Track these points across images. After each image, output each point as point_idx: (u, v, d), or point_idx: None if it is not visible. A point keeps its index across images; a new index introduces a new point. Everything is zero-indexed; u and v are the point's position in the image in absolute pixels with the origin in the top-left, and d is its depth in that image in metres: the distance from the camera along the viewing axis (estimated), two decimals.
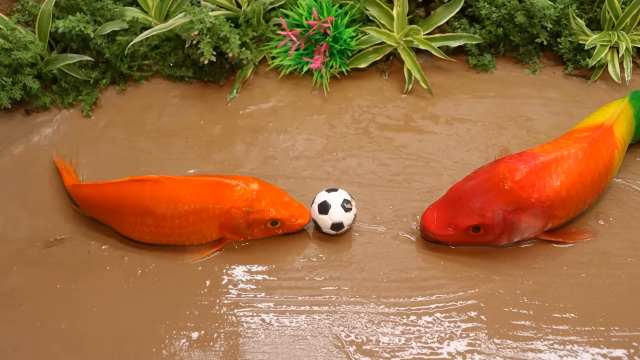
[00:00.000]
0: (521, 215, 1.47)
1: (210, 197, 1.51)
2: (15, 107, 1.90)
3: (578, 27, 1.95)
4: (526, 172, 1.46)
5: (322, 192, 1.57)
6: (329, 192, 1.57)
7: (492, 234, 1.50)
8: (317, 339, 1.45)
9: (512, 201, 1.46)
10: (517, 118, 1.87)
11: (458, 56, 2.01)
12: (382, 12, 1.94)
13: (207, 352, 1.43)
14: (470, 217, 1.47)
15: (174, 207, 1.51)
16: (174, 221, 1.51)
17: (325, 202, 1.55)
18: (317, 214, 1.56)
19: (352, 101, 1.92)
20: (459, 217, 1.49)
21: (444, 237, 1.53)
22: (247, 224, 1.53)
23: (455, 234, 1.51)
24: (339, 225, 1.55)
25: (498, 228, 1.48)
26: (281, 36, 1.94)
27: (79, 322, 1.48)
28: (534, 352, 1.41)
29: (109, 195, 1.55)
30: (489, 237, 1.51)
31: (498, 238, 1.52)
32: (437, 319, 1.47)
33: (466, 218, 1.48)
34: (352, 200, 1.56)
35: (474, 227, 1.48)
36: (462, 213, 1.48)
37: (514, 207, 1.46)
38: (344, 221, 1.55)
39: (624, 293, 1.50)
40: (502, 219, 1.46)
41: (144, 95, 1.96)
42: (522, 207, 1.46)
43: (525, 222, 1.48)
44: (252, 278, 1.55)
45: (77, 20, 1.83)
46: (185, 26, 1.81)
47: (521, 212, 1.46)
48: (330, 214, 1.54)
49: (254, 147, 1.81)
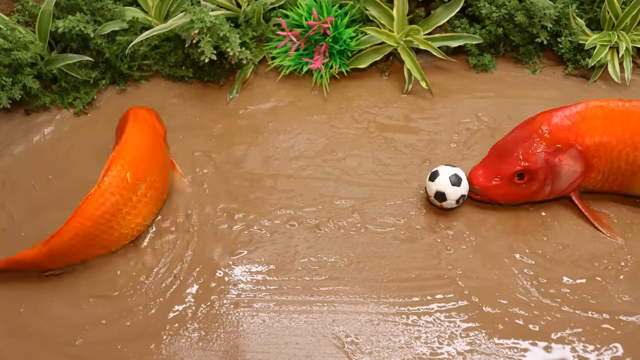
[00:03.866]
0: (561, 156, 1.54)
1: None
2: (15, 107, 1.90)
3: (578, 27, 1.95)
4: (563, 116, 1.56)
5: (441, 165, 1.64)
6: (447, 165, 1.63)
7: (537, 181, 1.56)
8: (317, 339, 1.45)
9: (551, 142, 1.55)
10: (518, 118, 1.86)
11: (458, 56, 2.01)
12: (382, 12, 1.94)
13: (207, 352, 1.43)
14: (514, 163, 1.56)
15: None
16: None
17: (436, 170, 1.61)
18: (427, 181, 1.62)
19: (352, 101, 1.92)
20: (503, 166, 1.57)
21: (491, 189, 1.59)
22: None
23: (501, 185, 1.58)
24: (442, 195, 1.59)
25: (541, 172, 1.55)
26: (281, 36, 1.94)
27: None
28: (533, 352, 1.42)
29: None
30: (534, 186, 1.57)
31: (543, 185, 1.57)
32: (437, 319, 1.47)
33: (510, 165, 1.56)
34: (463, 179, 1.60)
35: (519, 174, 1.56)
36: (506, 162, 1.57)
37: (554, 149, 1.54)
38: (447, 192, 1.58)
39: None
40: (544, 161, 1.54)
41: (144, 95, 1.96)
42: (561, 148, 1.54)
43: (566, 164, 1.55)
44: (252, 278, 1.55)
45: (77, 20, 1.83)
46: (185, 26, 1.81)
47: (561, 153, 1.54)
48: (436, 182, 1.59)
49: (254, 147, 1.81)
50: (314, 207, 1.67)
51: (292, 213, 1.66)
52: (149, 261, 1.58)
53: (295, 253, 1.59)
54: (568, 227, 1.63)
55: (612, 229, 1.61)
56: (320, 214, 1.66)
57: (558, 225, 1.63)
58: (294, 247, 1.60)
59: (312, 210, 1.67)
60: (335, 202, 1.68)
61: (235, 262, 1.57)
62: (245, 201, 1.69)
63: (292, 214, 1.66)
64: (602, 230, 1.61)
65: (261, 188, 1.72)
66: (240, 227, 1.64)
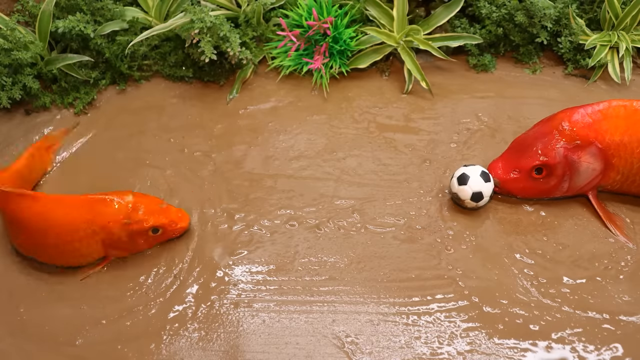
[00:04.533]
0: (581, 153, 1.54)
1: (87, 214, 1.50)
2: (15, 107, 1.90)
3: (578, 27, 1.95)
4: (584, 114, 1.55)
5: (461, 167, 1.63)
6: (466, 166, 1.62)
7: (555, 176, 1.57)
8: (317, 339, 1.44)
9: (571, 139, 1.54)
10: (517, 118, 1.87)
11: (458, 56, 2.01)
12: (382, 12, 1.94)
13: (207, 352, 1.43)
14: (533, 157, 1.57)
15: (48, 226, 1.50)
16: (47, 240, 1.51)
17: (464, 174, 1.60)
18: (457, 187, 1.61)
19: (352, 101, 1.92)
20: (522, 159, 1.58)
21: (509, 182, 1.60)
22: (129, 235, 1.52)
23: (519, 178, 1.59)
24: (479, 195, 1.59)
25: (560, 168, 1.56)
26: (281, 36, 1.94)
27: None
28: (533, 352, 1.42)
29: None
30: (552, 181, 1.58)
31: (561, 181, 1.58)
32: (437, 319, 1.47)
33: (529, 159, 1.57)
34: (489, 174, 1.61)
35: (537, 169, 1.57)
36: (525, 155, 1.58)
37: (573, 145, 1.54)
38: (483, 191, 1.59)
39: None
40: (563, 157, 1.54)
41: (144, 95, 1.96)
42: (581, 145, 1.54)
43: (586, 161, 1.55)
44: (252, 278, 1.55)
45: (77, 20, 1.83)
46: (185, 26, 1.81)
47: (581, 150, 1.54)
48: (470, 184, 1.59)
49: (254, 147, 1.81)
50: (314, 207, 1.67)
51: (292, 213, 1.66)
52: (149, 261, 1.58)
53: (295, 253, 1.59)
54: (568, 227, 1.63)
55: (626, 231, 1.61)
56: (320, 214, 1.66)
57: (558, 225, 1.63)
58: (294, 247, 1.60)
59: (312, 210, 1.67)
60: (335, 202, 1.68)
61: (235, 262, 1.57)
62: (245, 201, 1.69)
63: (292, 214, 1.66)
64: (615, 233, 1.61)
65: (261, 188, 1.72)
66: (240, 227, 1.64)
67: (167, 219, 1.55)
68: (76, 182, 1.73)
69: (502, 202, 1.67)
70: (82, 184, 1.70)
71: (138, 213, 1.52)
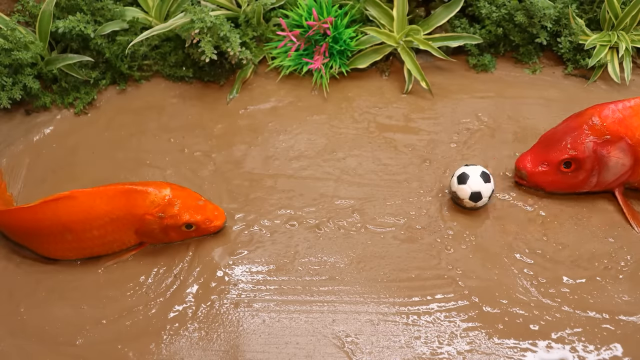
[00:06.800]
0: (610, 147, 1.55)
1: (124, 205, 1.51)
2: (15, 107, 1.90)
3: (578, 27, 1.95)
4: (615, 109, 1.56)
5: (462, 166, 1.63)
6: (467, 166, 1.62)
7: (584, 170, 1.57)
8: (317, 339, 1.45)
9: (601, 134, 1.54)
10: (517, 118, 1.87)
11: (458, 56, 2.01)
12: (382, 12, 1.94)
13: (207, 351, 1.43)
14: (562, 151, 1.57)
15: (91, 219, 1.51)
16: (92, 233, 1.52)
17: (464, 173, 1.60)
18: (456, 185, 1.61)
19: (352, 101, 1.92)
20: (551, 152, 1.59)
21: (537, 175, 1.61)
22: (162, 228, 1.53)
23: (548, 171, 1.60)
24: (477, 195, 1.59)
25: (589, 162, 1.56)
26: (281, 36, 1.94)
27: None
28: (533, 352, 1.42)
29: (24, 219, 1.54)
30: (581, 175, 1.58)
31: (589, 176, 1.58)
32: (437, 318, 1.47)
33: (558, 152, 1.58)
34: (490, 175, 1.61)
35: (566, 163, 1.57)
36: (554, 149, 1.59)
37: (603, 140, 1.55)
38: (482, 191, 1.59)
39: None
40: (592, 151, 1.55)
41: (144, 95, 1.96)
42: (611, 139, 1.55)
43: (615, 156, 1.55)
44: (253, 278, 1.55)
45: (77, 20, 1.83)
46: (185, 26, 1.81)
47: (610, 144, 1.55)
48: (470, 184, 1.59)
49: (254, 147, 1.81)
50: (314, 207, 1.67)
51: (292, 213, 1.67)
52: (149, 261, 1.58)
53: (295, 253, 1.59)
54: (568, 227, 1.63)
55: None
56: (320, 214, 1.66)
57: (558, 225, 1.63)
58: (294, 247, 1.60)
59: (312, 210, 1.67)
60: (335, 202, 1.69)
61: (236, 262, 1.58)
62: (245, 201, 1.69)
63: (292, 214, 1.66)
64: (638, 231, 1.61)
65: (261, 188, 1.72)
66: (240, 227, 1.64)
67: (202, 217, 1.55)
68: (76, 182, 1.72)
69: (502, 202, 1.67)
70: (82, 184, 1.70)
71: (174, 208, 1.52)
